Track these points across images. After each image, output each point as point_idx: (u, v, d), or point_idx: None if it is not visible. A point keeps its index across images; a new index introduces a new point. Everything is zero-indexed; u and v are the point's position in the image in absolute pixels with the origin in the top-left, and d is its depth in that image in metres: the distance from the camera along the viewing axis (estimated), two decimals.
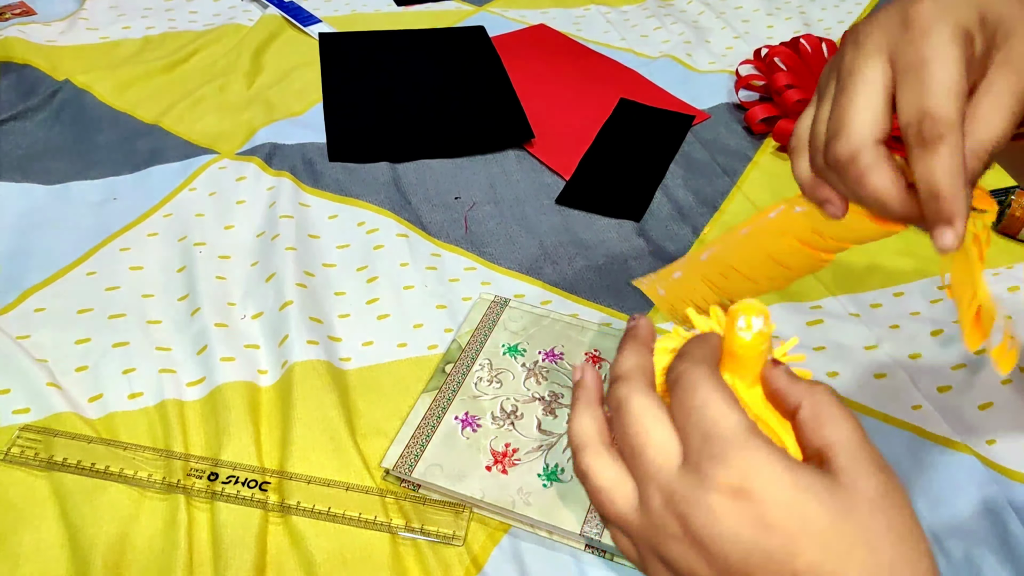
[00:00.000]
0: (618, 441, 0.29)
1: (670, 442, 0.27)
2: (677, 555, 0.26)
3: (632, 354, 0.30)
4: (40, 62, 0.89)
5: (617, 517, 0.28)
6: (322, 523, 0.47)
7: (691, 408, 0.26)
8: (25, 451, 0.49)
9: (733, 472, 0.25)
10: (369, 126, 0.82)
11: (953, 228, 0.28)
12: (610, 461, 0.28)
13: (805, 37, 0.90)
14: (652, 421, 0.27)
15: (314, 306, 0.61)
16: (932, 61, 0.28)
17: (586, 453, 0.29)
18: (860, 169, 0.29)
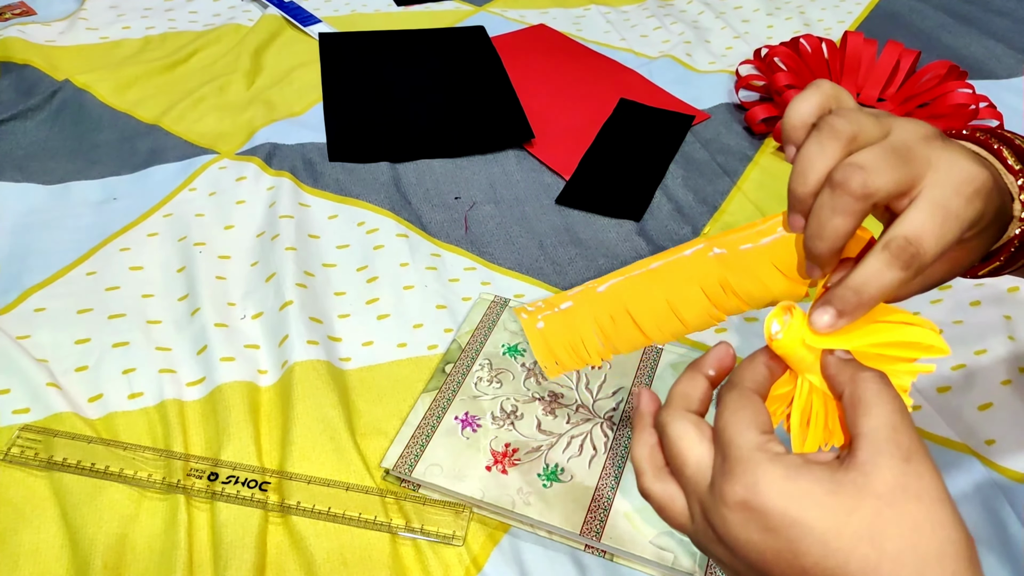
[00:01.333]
0: (668, 461, 0.32)
1: (704, 460, 0.30)
2: (719, 555, 0.30)
3: (682, 382, 0.34)
4: (40, 62, 0.89)
5: (679, 527, 0.32)
6: (322, 523, 0.47)
7: (718, 429, 0.30)
8: (25, 451, 0.49)
9: (739, 487, 0.28)
10: (369, 126, 0.82)
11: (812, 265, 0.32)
12: (664, 480, 0.32)
13: (805, 37, 0.90)
14: (688, 443, 0.31)
15: (314, 306, 0.61)
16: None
17: (644, 477, 0.33)
18: (846, 206, 0.30)
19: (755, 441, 0.28)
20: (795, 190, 0.32)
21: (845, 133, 0.31)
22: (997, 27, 1.04)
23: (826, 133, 0.31)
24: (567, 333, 0.38)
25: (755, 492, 0.27)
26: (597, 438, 0.51)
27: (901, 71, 0.89)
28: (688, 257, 0.36)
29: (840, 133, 0.31)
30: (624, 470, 0.49)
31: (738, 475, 0.28)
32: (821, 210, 0.31)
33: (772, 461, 0.28)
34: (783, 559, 0.27)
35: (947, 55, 0.97)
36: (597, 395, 0.54)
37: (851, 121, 0.31)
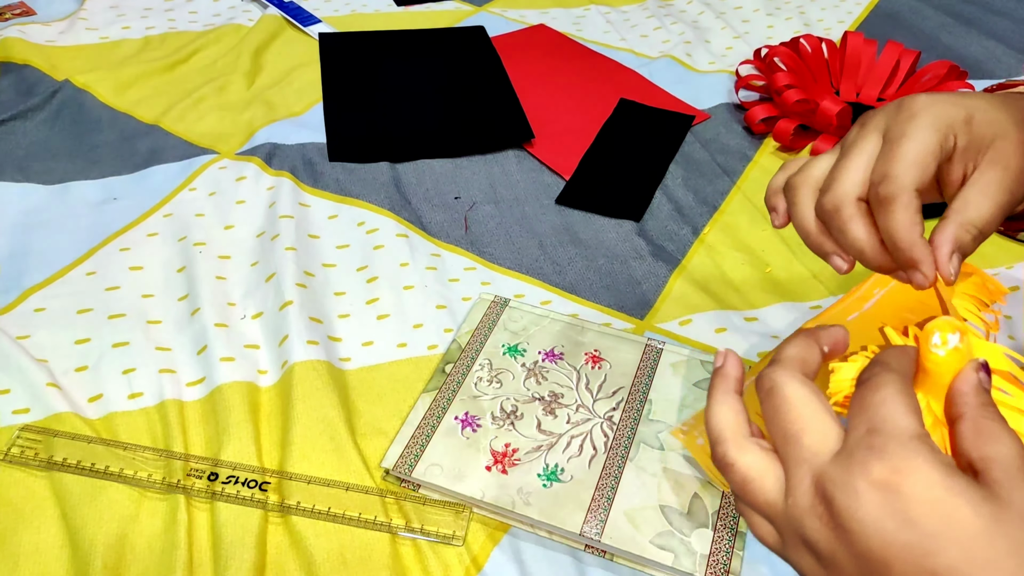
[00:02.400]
0: (768, 424, 0.30)
1: (830, 431, 0.28)
2: (820, 538, 0.27)
3: (798, 345, 0.32)
4: (40, 62, 0.89)
5: (764, 505, 0.29)
6: (322, 523, 0.47)
7: (868, 404, 0.28)
8: (25, 451, 0.49)
9: (887, 466, 0.26)
10: (369, 126, 0.82)
11: (919, 271, 0.33)
12: (755, 451, 0.30)
13: (805, 37, 0.90)
14: (812, 410, 0.29)
15: (314, 306, 0.61)
16: (905, 137, 0.33)
17: (728, 446, 0.30)
18: (842, 220, 0.34)
19: (916, 430, 0.27)
20: (809, 242, 0.37)
21: (804, 182, 0.37)
22: (997, 27, 1.04)
23: (791, 193, 0.37)
24: None
25: (906, 477, 0.25)
26: (597, 438, 0.51)
27: (901, 71, 0.89)
28: (878, 301, 0.36)
29: (799, 185, 0.37)
30: (624, 470, 0.49)
31: (890, 455, 0.26)
32: (837, 241, 0.35)
33: (933, 453, 0.26)
34: (911, 554, 0.25)
35: (947, 55, 0.97)
36: (597, 395, 0.54)
37: (803, 169, 0.37)
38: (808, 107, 0.80)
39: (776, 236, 0.70)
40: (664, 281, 0.65)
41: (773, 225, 0.39)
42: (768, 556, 0.46)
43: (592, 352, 0.57)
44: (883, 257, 0.34)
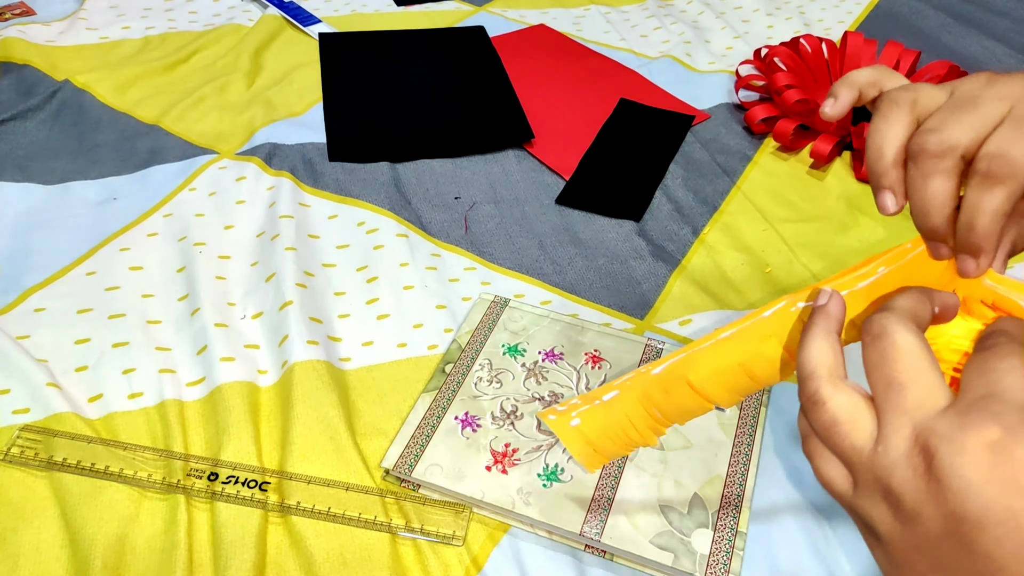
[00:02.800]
0: (870, 370, 0.29)
1: (938, 388, 0.27)
2: (908, 489, 0.26)
3: (912, 298, 0.31)
4: (40, 62, 0.89)
5: (849, 448, 0.28)
6: (322, 523, 0.47)
7: (990, 368, 0.27)
8: (25, 451, 0.49)
9: (1003, 430, 0.25)
10: (369, 126, 0.82)
11: (976, 260, 0.31)
12: (851, 393, 0.29)
13: (805, 37, 0.90)
14: (922, 362, 0.28)
15: (314, 306, 0.61)
16: None
17: (823, 382, 0.29)
18: (935, 169, 0.31)
19: None
20: (874, 166, 0.32)
21: (906, 101, 0.31)
22: (997, 27, 1.04)
23: (887, 106, 0.32)
24: (610, 421, 0.37)
25: (1021, 442, 0.24)
26: None
27: (901, 71, 0.89)
28: (768, 317, 0.35)
29: (900, 101, 0.31)
30: (624, 470, 0.49)
31: (1006, 418, 0.25)
32: (914, 183, 0.31)
33: None
34: (1013, 521, 0.24)
35: (947, 55, 0.97)
36: None
37: (908, 89, 0.32)
38: (808, 107, 0.80)
39: (776, 236, 0.70)
40: (664, 281, 0.65)
41: (824, 111, 0.35)
42: (768, 556, 0.46)
43: (592, 352, 0.57)
44: (946, 227, 0.32)
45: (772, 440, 0.52)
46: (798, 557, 0.46)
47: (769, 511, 0.48)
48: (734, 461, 0.49)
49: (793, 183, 0.77)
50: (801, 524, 0.48)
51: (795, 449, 0.52)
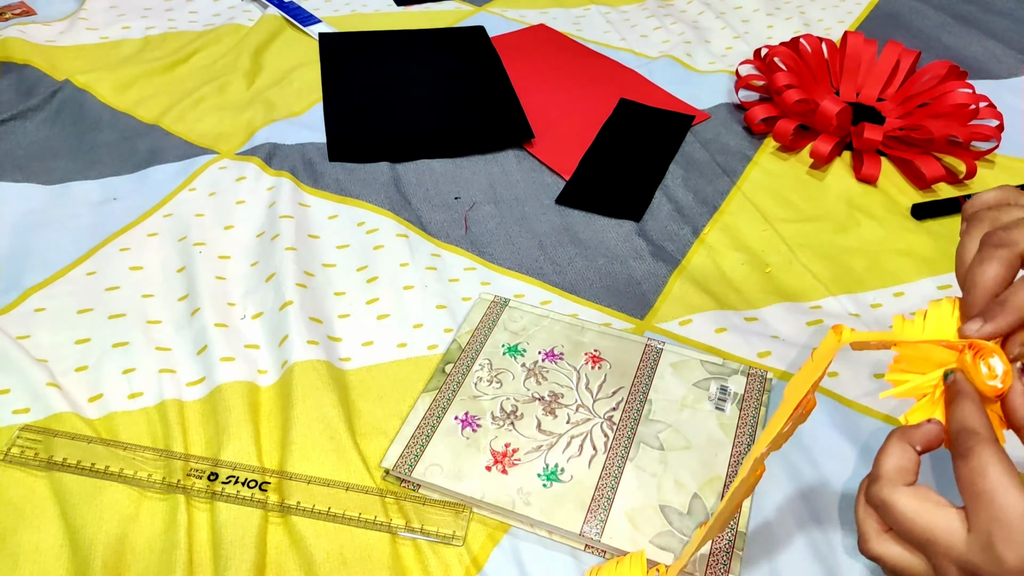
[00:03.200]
0: (897, 532, 0.34)
1: (952, 522, 0.32)
2: None
3: (893, 456, 0.35)
4: (40, 62, 0.89)
5: None
6: (322, 523, 0.47)
7: (981, 491, 0.31)
8: (25, 451, 0.49)
9: (1018, 554, 0.30)
10: (369, 126, 0.82)
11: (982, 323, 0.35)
12: (891, 544, 0.35)
13: (805, 37, 0.90)
14: (928, 515, 0.33)
15: (314, 306, 0.61)
16: None
17: (870, 543, 0.35)
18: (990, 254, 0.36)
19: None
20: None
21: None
22: (997, 27, 1.04)
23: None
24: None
25: None
26: (597, 438, 0.51)
27: (901, 71, 0.89)
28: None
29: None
30: (624, 470, 0.49)
31: (1018, 544, 0.30)
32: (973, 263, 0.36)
33: None
34: None
35: (947, 55, 0.97)
36: (597, 395, 0.54)
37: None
38: (808, 107, 0.80)
39: (776, 236, 0.70)
40: (664, 281, 0.65)
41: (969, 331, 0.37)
42: (768, 556, 0.46)
43: (592, 352, 0.57)
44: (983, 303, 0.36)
45: None
46: (797, 557, 0.46)
47: (769, 512, 0.48)
48: (734, 462, 0.49)
49: (793, 183, 0.77)
50: (800, 524, 0.48)
51: (795, 449, 0.52)
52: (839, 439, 0.52)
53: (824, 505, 0.48)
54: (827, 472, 0.50)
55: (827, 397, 0.55)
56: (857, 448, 0.52)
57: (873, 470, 0.35)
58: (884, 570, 0.35)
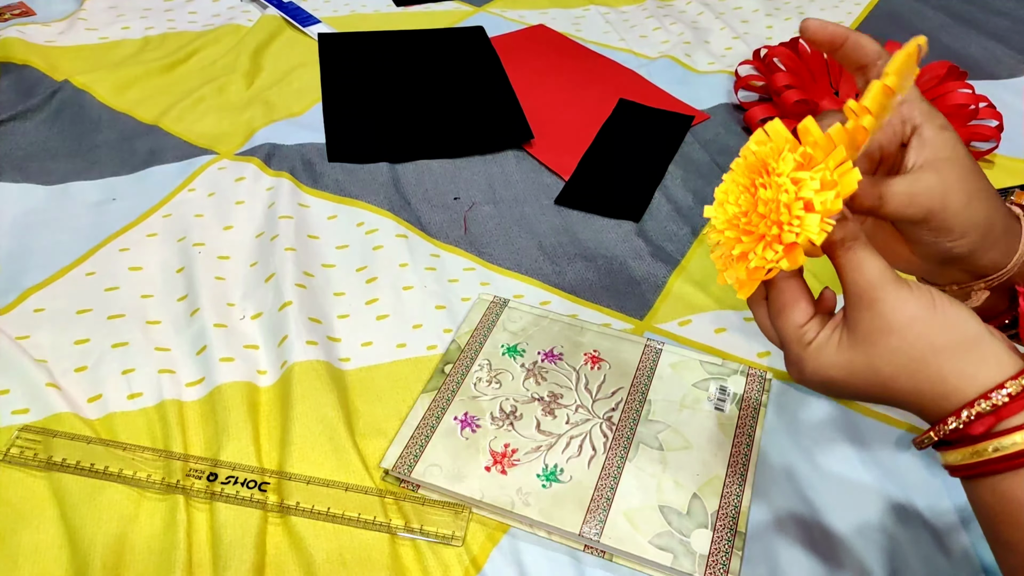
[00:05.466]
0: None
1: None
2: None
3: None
4: (39, 62, 0.89)
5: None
6: (321, 523, 0.47)
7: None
8: (24, 451, 0.49)
9: (794, 372, 0.38)
10: (368, 126, 0.82)
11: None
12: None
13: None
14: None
15: (313, 306, 0.61)
16: None
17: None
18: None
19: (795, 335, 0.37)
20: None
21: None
22: (997, 27, 1.04)
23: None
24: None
25: (803, 374, 0.37)
26: (596, 438, 0.51)
27: None
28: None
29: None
30: (623, 470, 0.49)
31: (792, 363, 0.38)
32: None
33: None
34: (854, 394, 0.37)
35: (947, 55, 0.97)
36: (596, 395, 0.54)
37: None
38: (808, 107, 0.80)
39: None
40: (663, 281, 0.65)
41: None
42: (767, 556, 0.46)
43: (591, 352, 0.57)
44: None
45: (771, 441, 0.52)
46: (797, 557, 0.46)
47: (768, 511, 0.48)
48: (733, 462, 0.49)
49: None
50: (800, 524, 0.48)
51: (794, 449, 0.52)
52: (839, 439, 0.52)
53: (824, 505, 0.48)
54: (827, 471, 0.50)
55: (827, 397, 0.55)
56: (857, 448, 0.52)
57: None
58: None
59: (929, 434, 0.35)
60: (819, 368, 0.36)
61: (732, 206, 0.37)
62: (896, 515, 0.48)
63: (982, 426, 0.33)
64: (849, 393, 0.37)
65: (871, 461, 0.51)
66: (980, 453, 0.33)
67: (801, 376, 0.37)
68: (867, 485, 0.50)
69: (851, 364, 0.35)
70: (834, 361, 0.36)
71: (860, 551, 0.46)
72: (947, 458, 0.35)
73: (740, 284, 0.37)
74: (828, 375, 0.36)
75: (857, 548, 0.46)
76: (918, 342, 0.34)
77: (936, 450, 0.36)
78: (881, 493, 0.49)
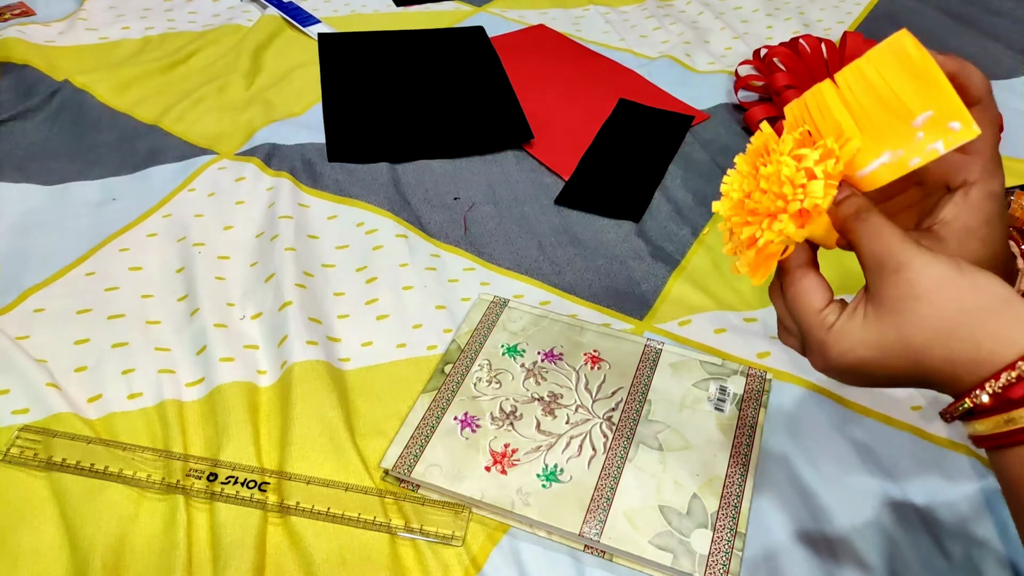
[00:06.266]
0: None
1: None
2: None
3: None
4: (39, 62, 0.89)
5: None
6: (321, 523, 0.47)
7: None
8: (24, 451, 0.49)
9: (818, 361, 0.37)
10: (368, 126, 0.82)
11: None
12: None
13: (804, 37, 0.90)
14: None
15: (313, 306, 0.61)
16: None
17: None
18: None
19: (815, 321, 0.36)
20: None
21: None
22: (996, 27, 1.04)
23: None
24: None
25: (829, 361, 0.35)
26: (596, 438, 0.51)
27: None
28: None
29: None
30: (623, 470, 0.49)
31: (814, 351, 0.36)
32: None
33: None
34: (886, 375, 0.34)
35: None
36: (596, 395, 0.54)
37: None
38: None
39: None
40: (663, 282, 0.65)
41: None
42: (767, 557, 0.46)
43: (591, 353, 0.57)
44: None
45: (771, 441, 0.52)
46: (797, 558, 0.46)
47: (768, 512, 0.48)
48: (733, 462, 0.49)
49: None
50: (800, 525, 0.48)
51: (794, 450, 0.52)
52: (839, 439, 0.52)
53: (823, 505, 0.48)
54: (827, 472, 0.50)
55: (827, 398, 0.55)
56: (857, 448, 0.52)
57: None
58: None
59: (964, 401, 0.33)
60: (847, 350, 0.34)
61: (736, 192, 0.37)
62: (896, 516, 0.48)
63: (1022, 389, 0.31)
64: (880, 373, 0.34)
65: (871, 462, 0.51)
66: (1014, 420, 0.31)
67: (827, 363, 0.35)
68: (867, 485, 0.50)
69: (881, 339, 0.33)
70: (862, 339, 0.34)
71: (860, 552, 0.46)
72: (976, 427, 0.33)
73: (753, 269, 0.37)
74: (857, 356, 0.34)
75: (857, 549, 0.46)
76: (948, 306, 0.32)
77: (963, 422, 0.34)
78: (881, 494, 0.49)
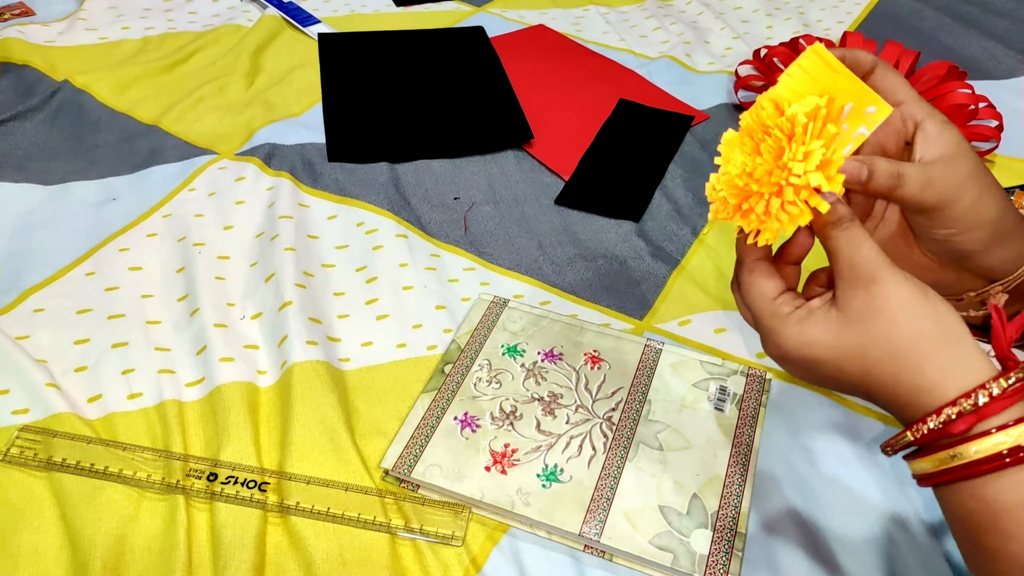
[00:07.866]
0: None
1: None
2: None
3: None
4: (39, 62, 0.89)
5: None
6: (321, 523, 0.47)
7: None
8: (24, 451, 0.49)
9: (770, 348, 0.39)
10: (368, 126, 0.82)
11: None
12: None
13: (804, 37, 0.90)
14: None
15: (313, 306, 0.61)
16: None
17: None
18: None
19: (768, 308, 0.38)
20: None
21: None
22: (996, 28, 1.04)
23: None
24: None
25: (782, 350, 0.37)
26: (596, 438, 0.51)
27: (900, 71, 0.89)
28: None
29: None
30: (623, 470, 0.49)
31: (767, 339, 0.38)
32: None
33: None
34: (835, 377, 0.36)
35: (947, 55, 0.97)
36: (596, 395, 0.54)
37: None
38: None
39: None
40: (663, 281, 0.65)
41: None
42: (767, 557, 0.46)
43: (591, 352, 0.57)
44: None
45: (771, 441, 0.52)
46: (797, 558, 0.46)
47: (768, 512, 0.48)
48: (733, 462, 0.49)
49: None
50: (800, 525, 0.48)
51: (794, 450, 0.52)
52: (839, 439, 0.52)
53: (823, 505, 0.48)
54: (827, 473, 0.50)
55: (827, 398, 0.55)
56: (857, 448, 0.52)
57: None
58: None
59: (905, 434, 0.34)
60: (805, 344, 0.36)
61: (742, 155, 0.37)
62: (896, 517, 0.48)
63: (963, 424, 0.32)
64: (832, 375, 0.36)
65: (871, 462, 0.51)
66: (960, 456, 0.32)
67: (780, 351, 0.37)
68: (867, 486, 0.50)
69: (839, 343, 0.35)
70: (822, 338, 0.35)
71: (860, 552, 0.46)
72: (919, 465, 0.34)
73: (774, 232, 0.37)
74: (813, 353, 0.36)
75: (857, 549, 0.46)
76: (907, 327, 0.34)
77: (905, 459, 0.35)
78: (881, 494, 0.49)
